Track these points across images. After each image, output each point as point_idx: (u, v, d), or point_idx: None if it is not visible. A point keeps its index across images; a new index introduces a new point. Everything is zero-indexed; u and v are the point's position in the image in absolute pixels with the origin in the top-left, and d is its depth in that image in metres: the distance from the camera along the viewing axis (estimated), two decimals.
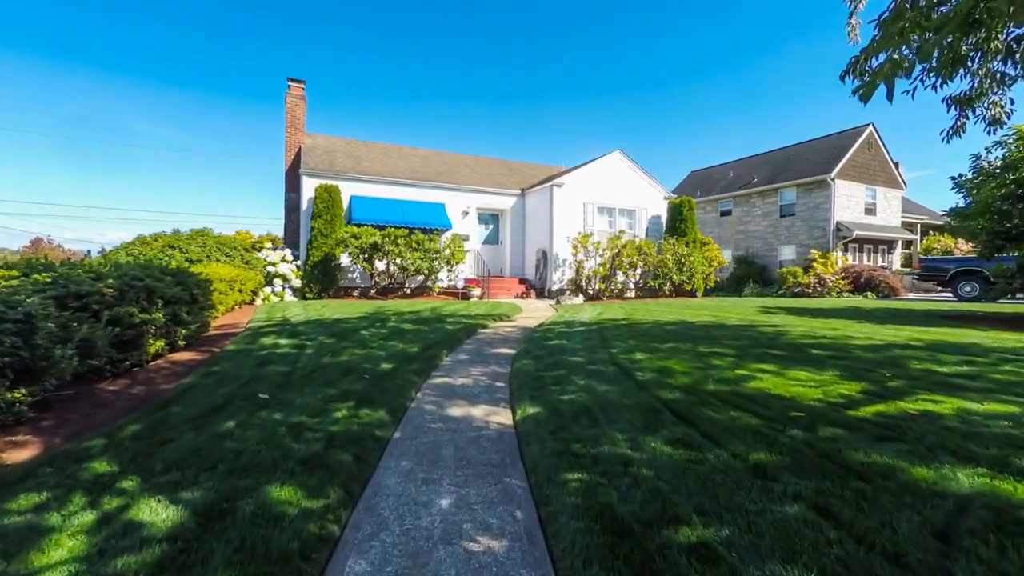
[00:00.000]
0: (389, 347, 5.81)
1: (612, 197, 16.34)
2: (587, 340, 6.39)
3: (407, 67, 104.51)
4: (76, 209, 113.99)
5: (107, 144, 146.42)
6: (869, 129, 22.78)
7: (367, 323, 7.67)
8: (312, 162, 14.96)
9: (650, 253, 14.12)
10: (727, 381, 3.98)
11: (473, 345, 6.57)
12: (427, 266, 13.46)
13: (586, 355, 5.38)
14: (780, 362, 4.62)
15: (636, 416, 3.26)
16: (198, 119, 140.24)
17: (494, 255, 17.57)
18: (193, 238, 11.59)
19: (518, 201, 17.50)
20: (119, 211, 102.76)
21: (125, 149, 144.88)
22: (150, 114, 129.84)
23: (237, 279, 9.39)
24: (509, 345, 6.58)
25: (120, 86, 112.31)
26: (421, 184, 15.88)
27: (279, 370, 4.40)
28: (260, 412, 3.21)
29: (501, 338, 7.20)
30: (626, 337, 6.49)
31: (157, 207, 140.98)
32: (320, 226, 13.31)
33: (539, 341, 6.46)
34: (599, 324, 8.00)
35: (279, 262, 13.24)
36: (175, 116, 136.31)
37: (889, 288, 19.27)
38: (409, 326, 7.54)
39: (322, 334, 6.55)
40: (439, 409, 3.79)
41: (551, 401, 3.71)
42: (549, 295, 15.41)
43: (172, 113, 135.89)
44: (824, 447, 2.55)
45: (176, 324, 4.94)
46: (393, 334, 6.77)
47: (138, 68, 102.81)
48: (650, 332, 6.89)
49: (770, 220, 24.59)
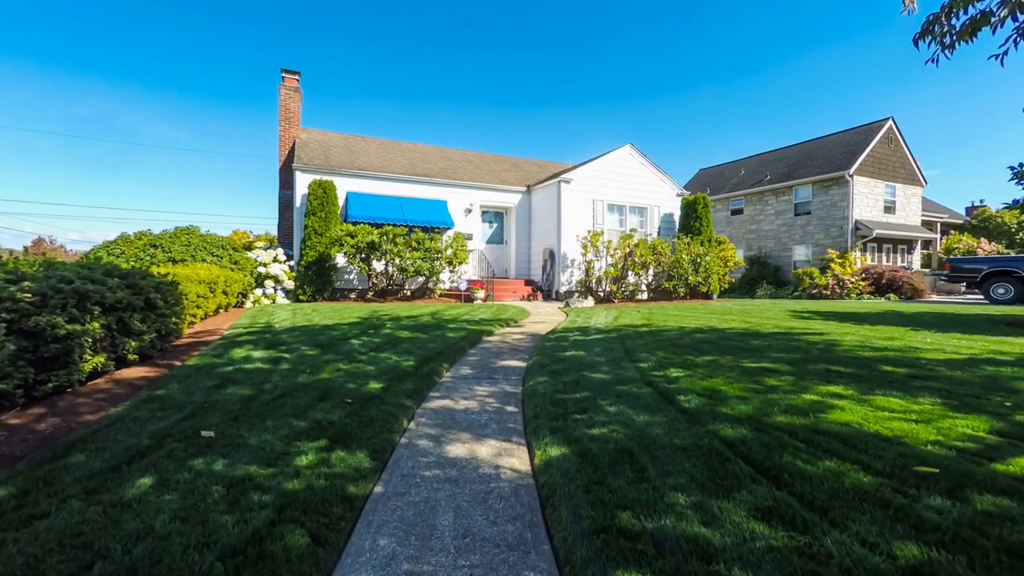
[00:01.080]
0: (380, 360, 5.01)
1: (623, 194, 15.51)
2: (608, 351, 5.57)
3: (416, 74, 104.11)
4: (84, 210, 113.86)
5: (119, 146, 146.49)
6: (889, 123, 21.87)
7: (359, 330, 6.87)
8: (306, 156, 14.20)
9: (664, 253, 13.29)
10: (799, 410, 3.15)
11: (478, 356, 5.76)
12: (428, 267, 12.67)
13: (611, 371, 4.57)
14: (853, 383, 3.79)
15: (696, 464, 2.44)
16: (200, 118, 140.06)
17: (498, 255, 16.77)
18: (177, 236, 10.83)
19: (523, 198, 16.69)
20: (126, 212, 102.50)
21: (136, 152, 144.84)
22: (159, 117, 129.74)
23: (220, 281, 8.62)
24: (519, 356, 5.77)
25: (129, 91, 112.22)
26: (421, 180, 15.10)
27: (240, 394, 3.60)
28: (195, 460, 2.41)
29: (509, 347, 6.39)
30: (653, 347, 5.66)
31: (166, 207, 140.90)
32: (314, 224, 12.54)
33: (553, 352, 5.64)
34: (618, 331, 7.18)
35: (270, 262, 12.48)
36: (179, 118, 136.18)
37: (913, 290, 18.35)
38: (406, 334, 6.74)
39: (306, 344, 5.75)
40: (436, 446, 2.98)
41: (578, 437, 2.90)
42: (557, 297, 14.59)
43: (176, 115, 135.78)
44: (1004, 535, 1.73)
45: (125, 335, 4.16)
46: (387, 344, 5.97)
47: (153, 75, 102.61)
48: (679, 342, 6.07)
49: (784, 219, 23.70)
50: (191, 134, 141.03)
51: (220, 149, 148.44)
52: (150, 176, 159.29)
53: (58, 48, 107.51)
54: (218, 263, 10.87)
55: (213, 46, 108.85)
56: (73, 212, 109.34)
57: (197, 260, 10.54)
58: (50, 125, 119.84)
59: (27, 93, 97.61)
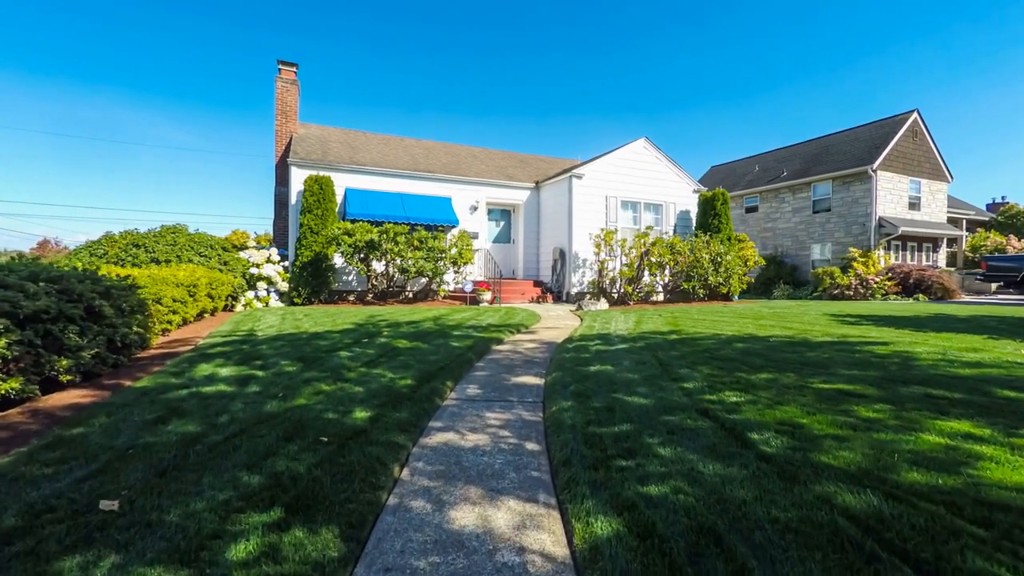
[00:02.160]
0: (372, 379, 4.21)
1: (637, 190, 14.65)
2: (640, 364, 4.73)
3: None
4: (91, 211, 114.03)
5: (123, 148, 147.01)
6: (914, 116, 20.87)
7: (351, 339, 6.08)
8: (302, 151, 13.45)
9: (683, 251, 12.42)
10: (934, 463, 2.31)
11: (487, 371, 4.94)
12: (431, 267, 11.87)
13: (650, 392, 3.74)
14: (981, 417, 2.94)
15: (825, 561, 1.62)
16: (203, 120, 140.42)
17: (505, 255, 15.96)
18: (162, 235, 10.10)
19: (532, 195, 15.87)
20: (129, 212, 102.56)
21: (138, 153, 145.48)
22: (164, 120, 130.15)
23: (202, 283, 7.85)
24: (534, 370, 4.95)
25: (132, 95, 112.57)
26: (424, 176, 14.31)
27: (183, 432, 2.79)
28: (66, 560, 1.60)
29: (523, 359, 5.57)
30: (692, 361, 4.82)
31: (170, 208, 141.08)
32: (310, 222, 11.78)
33: (574, 366, 4.82)
34: (644, 339, 6.34)
35: (263, 263, 11.73)
36: (181, 120, 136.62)
37: (943, 289, 17.36)
38: (404, 343, 5.93)
39: (287, 357, 4.96)
40: (436, 511, 2.17)
41: (630, 500, 2.08)
42: (567, 299, 13.76)
43: (178, 116, 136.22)
44: None
45: (56, 351, 3.37)
46: (382, 356, 5.16)
47: (158, 79, 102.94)
48: (720, 353, 5.22)
49: (801, 216, 22.73)
50: (196, 136, 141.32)
51: (223, 149, 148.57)
52: (155, 178, 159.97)
53: (66, 52, 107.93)
54: (206, 264, 10.13)
55: (217, 46, 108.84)
56: (80, 214, 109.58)
57: (183, 260, 9.80)
58: (58, 127, 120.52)
59: (13, 93, 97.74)
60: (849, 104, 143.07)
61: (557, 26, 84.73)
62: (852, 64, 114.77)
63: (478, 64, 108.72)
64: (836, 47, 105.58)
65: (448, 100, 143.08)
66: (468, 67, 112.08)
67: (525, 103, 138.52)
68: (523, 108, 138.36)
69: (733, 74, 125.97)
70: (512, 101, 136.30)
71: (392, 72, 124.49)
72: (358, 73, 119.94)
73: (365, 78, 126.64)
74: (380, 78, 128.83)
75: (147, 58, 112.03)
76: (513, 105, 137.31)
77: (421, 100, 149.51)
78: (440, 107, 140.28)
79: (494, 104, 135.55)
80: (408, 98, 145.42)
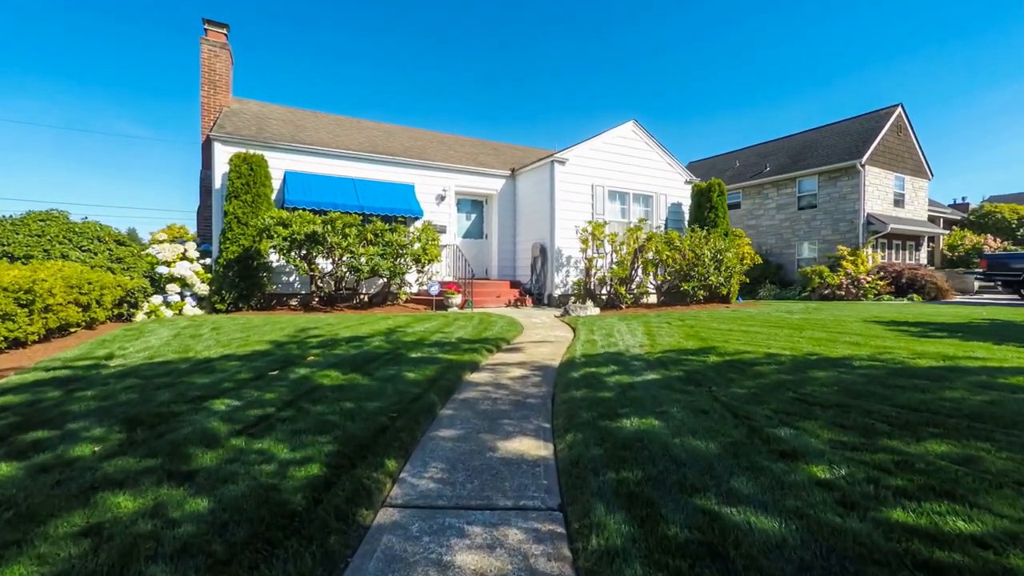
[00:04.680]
0: (243, 469, 2.26)
1: (626, 179, 13.05)
2: (699, 415, 2.97)
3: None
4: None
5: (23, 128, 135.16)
6: (899, 110, 20.24)
7: (253, 372, 4.06)
8: (231, 125, 11.14)
9: (683, 248, 10.86)
10: None
11: (456, 428, 3.06)
12: (388, 265, 9.83)
13: (761, 493, 1.97)
14: None
15: None
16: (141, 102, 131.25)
17: (478, 252, 14.06)
18: (24, 224, 7.69)
19: (508, 184, 14.02)
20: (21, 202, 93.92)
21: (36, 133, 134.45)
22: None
23: (56, 288, 5.61)
24: (532, 424, 3.11)
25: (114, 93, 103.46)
26: (383, 159, 12.23)
27: None
28: None
29: (510, 399, 3.72)
30: (779, 408, 3.09)
31: (84, 200, 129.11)
32: (237, 210, 9.54)
33: (596, 419, 3.01)
34: (675, 362, 4.60)
35: (176, 260, 9.41)
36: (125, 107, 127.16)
37: (936, 289, 16.60)
38: (334, 377, 3.97)
39: (111, 417, 2.93)
40: None
41: None
42: (550, 302, 11.99)
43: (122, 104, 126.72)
44: None
45: None
46: (287, 407, 3.20)
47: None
48: (808, 391, 3.51)
49: (786, 213, 21.83)
50: (130, 121, 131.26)
51: (151, 135, 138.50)
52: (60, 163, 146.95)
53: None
54: (89, 261, 7.79)
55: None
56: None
57: (52, 256, 7.44)
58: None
59: None
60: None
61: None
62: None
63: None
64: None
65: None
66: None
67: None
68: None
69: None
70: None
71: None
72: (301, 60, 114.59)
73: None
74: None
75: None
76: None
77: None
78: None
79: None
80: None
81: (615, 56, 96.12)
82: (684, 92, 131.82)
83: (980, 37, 62.33)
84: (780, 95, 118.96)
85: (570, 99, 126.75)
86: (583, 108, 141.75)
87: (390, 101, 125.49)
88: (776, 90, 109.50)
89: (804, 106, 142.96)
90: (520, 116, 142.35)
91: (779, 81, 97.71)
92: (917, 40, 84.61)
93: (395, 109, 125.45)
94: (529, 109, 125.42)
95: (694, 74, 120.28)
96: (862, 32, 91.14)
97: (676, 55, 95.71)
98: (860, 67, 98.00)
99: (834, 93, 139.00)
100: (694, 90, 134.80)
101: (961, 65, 68.12)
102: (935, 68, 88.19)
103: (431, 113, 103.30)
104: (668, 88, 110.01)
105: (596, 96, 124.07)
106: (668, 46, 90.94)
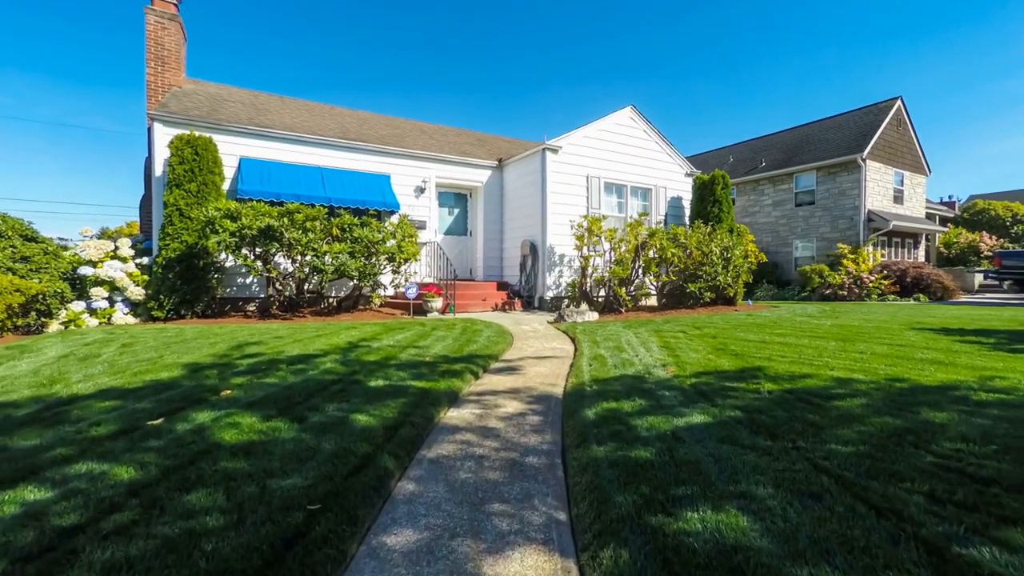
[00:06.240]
0: None
1: (623, 170, 11.95)
2: (806, 501, 1.85)
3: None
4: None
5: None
6: (898, 103, 19.58)
7: (123, 423, 2.81)
8: (177, 106, 9.73)
9: (690, 245, 9.80)
10: None
11: (418, 523, 1.85)
12: (357, 265, 8.55)
13: None
14: None
15: None
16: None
17: (461, 250, 12.83)
18: None
19: (494, 176, 12.82)
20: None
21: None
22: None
23: None
24: (534, 508, 1.93)
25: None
26: (355, 147, 10.92)
27: None
28: None
29: (502, 459, 2.53)
30: (936, 487, 1.98)
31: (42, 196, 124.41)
32: (179, 200, 8.17)
33: (642, 514, 1.86)
34: (720, 393, 3.47)
35: (104, 259, 7.99)
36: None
37: (943, 289, 15.91)
38: (246, 426, 2.74)
39: None
40: None
41: None
42: (541, 306, 10.83)
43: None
44: None
45: None
46: (133, 498, 1.97)
47: None
48: (958, 450, 2.41)
49: (783, 210, 21.05)
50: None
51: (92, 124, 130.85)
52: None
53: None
54: None
55: None
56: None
57: None
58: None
59: None
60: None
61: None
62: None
63: None
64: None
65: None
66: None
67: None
68: None
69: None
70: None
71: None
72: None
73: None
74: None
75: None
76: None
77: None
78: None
79: None
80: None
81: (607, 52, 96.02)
82: (677, 86, 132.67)
83: (953, 35, 62.40)
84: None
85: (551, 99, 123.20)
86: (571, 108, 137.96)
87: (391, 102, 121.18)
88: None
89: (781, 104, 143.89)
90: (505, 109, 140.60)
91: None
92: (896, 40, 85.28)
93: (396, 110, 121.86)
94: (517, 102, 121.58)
95: (686, 68, 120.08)
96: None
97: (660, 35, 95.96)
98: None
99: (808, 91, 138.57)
100: (685, 88, 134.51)
101: (933, 65, 68.75)
102: (915, 66, 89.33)
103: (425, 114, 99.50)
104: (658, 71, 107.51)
105: (589, 96, 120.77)
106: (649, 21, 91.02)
